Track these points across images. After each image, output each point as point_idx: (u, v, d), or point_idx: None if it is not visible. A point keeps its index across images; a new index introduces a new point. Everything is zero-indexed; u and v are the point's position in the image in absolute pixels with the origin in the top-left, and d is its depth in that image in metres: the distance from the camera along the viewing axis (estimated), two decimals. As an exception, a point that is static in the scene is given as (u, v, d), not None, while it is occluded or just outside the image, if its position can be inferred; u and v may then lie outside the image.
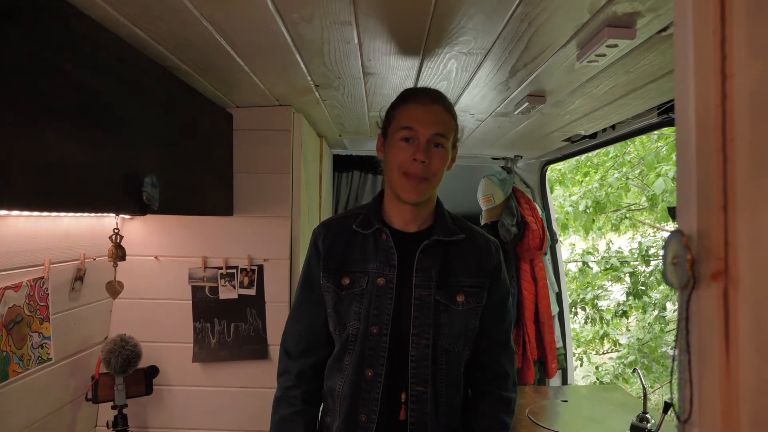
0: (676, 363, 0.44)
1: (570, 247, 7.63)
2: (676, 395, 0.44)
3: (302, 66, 1.50)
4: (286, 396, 1.34)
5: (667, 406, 1.85)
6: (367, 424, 1.24)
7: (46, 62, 0.97)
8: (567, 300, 3.44)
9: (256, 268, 2.06)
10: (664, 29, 1.16)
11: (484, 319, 1.32)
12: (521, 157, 3.23)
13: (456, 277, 1.28)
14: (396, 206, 1.31)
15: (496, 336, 1.35)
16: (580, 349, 6.79)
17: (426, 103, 1.26)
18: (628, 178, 6.35)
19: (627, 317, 6.60)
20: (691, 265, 0.42)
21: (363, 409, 1.25)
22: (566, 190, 7.06)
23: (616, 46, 1.20)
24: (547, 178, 3.40)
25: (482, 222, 3.26)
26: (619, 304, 6.54)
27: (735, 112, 0.40)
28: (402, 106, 1.29)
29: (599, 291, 6.72)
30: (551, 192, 3.82)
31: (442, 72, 1.53)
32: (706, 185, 0.41)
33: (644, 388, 1.97)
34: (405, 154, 1.23)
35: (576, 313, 6.70)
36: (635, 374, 5.48)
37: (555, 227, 3.41)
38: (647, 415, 1.92)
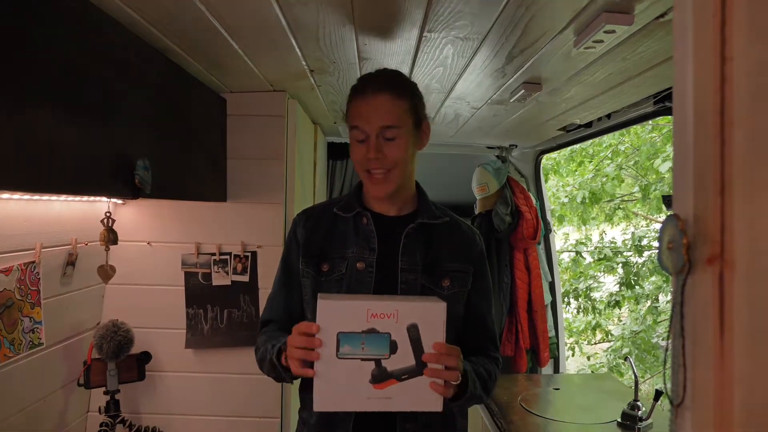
0: (669, 349, 0.44)
1: (563, 237, 7.66)
2: (668, 384, 0.44)
3: (297, 50, 1.48)
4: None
5: (659, 394, 1.87)
6: None
7: (34, 43, 0.95)
8: (560, 290, 3.46)
9: (249, 254, 2.06)
10: (662, 15, 1.15)
11: (475, 305, 1.32)
12: (516, 146, 3.23)
13: (441, 262, 1.27)
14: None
15: (485, 323, 1.35)
16: (572, 339, 6.83)
17: (368, 96, 1.18)
18: (621, 168, 6.36)
19: (619, 307, 6.65)
20: (687, 250, 0.41)
21: None
22: (560, 180, 7.07)
23: (613, 32, 1.19)
24: (541, 167, 3.40)
25: (476, 211, 3.26)
26: (611, 295, 6.58)
27: (734, 96, 0.40)
28: (351, 100, 1.22)
29: (592, 281, 6.76)
30: (546, 181, 3.82)
31: (438, 58, 1.51)
32: (704, 169, 0.41)
33: (635, 376, 1.99)
34: (360, 153, 1.20)
35: (569, 303, 6.74)
36: (627, 363, 5.53)
37: (549, 217, 3.42)
38: (638, 403, 1.93)
